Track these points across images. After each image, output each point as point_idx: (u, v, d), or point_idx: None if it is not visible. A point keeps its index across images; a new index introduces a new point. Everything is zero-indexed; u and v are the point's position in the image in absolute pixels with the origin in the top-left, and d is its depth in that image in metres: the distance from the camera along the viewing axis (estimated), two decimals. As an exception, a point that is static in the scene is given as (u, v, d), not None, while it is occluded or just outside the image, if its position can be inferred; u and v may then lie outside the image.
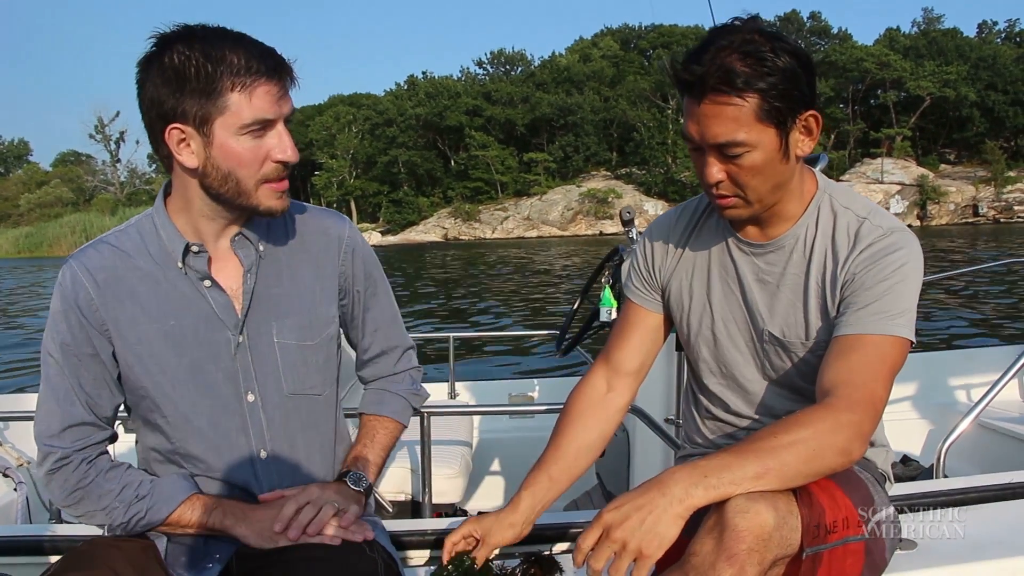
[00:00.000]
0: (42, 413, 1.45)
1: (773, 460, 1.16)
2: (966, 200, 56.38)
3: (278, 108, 1.34)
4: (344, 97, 79.08)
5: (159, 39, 1.32)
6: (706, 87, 1.31)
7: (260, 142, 1.34)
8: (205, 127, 1.32)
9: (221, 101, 1.30)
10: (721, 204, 1.43)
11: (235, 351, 1.46)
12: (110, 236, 1.48)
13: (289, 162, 1.38)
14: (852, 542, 1.21)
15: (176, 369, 1.43)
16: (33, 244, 63.46)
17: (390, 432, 1.68)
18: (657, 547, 1.12)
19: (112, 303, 1.42)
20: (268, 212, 1.41)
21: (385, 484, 2.93)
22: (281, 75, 1.34)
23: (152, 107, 1.33)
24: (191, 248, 1.43)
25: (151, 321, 1.43)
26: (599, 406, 1.65)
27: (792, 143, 1.37)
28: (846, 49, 63.47)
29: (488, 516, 1.52)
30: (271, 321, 1.48)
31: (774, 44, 1.31)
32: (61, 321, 1.42)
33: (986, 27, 70.10)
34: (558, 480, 1.58)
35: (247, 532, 1.41)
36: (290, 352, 1.49)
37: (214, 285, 1.44)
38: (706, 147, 1.37)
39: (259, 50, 1.33)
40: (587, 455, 1.62)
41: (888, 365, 1.32)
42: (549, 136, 67.01)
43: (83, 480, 1.44)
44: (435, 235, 63.50)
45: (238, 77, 1.30)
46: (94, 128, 79.55)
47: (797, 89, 1.33)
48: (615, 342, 1.69)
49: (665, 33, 73.05)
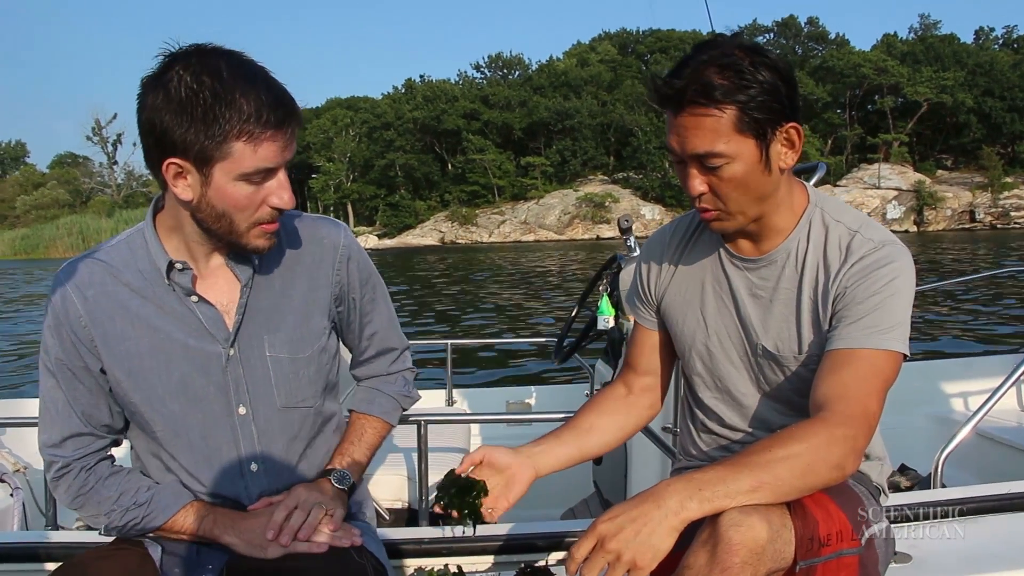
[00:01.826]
0: (43, 424, 1.48)
1: (767, 474, 1.17)
2: (963, 206, 56.51)
3: (281, 157, 1.32)
4: (341, 100, 79.09)
5: (167, 59, 1.28)
6: (684, 100, 1.33)
7: (258, 188, 1.33)
8: (204, 168, 1.29)
9: (225, 147, 1.27)
10: (706, 217, 1.45)
11: (226, 364, 1.46)
12: (100, 251, 1.48)
13: (285, 209, 1.37)
14: (846, 555, 1.21)
15: (166, 383, 1.44)
16: (29, 246, 63.43)
17: (377, 431, 1.69)
18: (651, 559, 1.13)
19: (101, 319, 1.42)
20: (254, 250, 1.40)
21: (382, 492, 2.94)
22: (290, 124, 1.31)
23: (151, 132, 1.28)
24: (175, 265, 1.43)
25: (140, 336, 1.43)
26: (620, 401, 1.70)
27: (773, 155, 1.37)
28: (843, 55, 63.69)
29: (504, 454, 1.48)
30: (263, 335, 1.48)
31: (753, 58, 1.33)
32: (52, 336, 1.44)
33: (983, 33, 70.28)
34: (566, 441, 1.58)
35: (236, 540, 1.42)
36: (282, 365, 1.50)
37: (201, 300, 1.44)
38: (687, 159, 1.38)
39: (271, 98, 1.28)
40: (599, 435, 1.63)
41: (881, 379, 1.33)
42: (546, 140, 67.08)
43: (83, 487, 1.47)
44: (432, 239, 63.54)
45: (246, 125, 1.25)
46: (91, 130, 79.72)
47: (776, 101, 1.34)
48: (628, 362, 1.74)
49: (663, 38, 73.26)
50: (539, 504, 3.42)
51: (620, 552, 1.13)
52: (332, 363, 1.60)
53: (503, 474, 1.46)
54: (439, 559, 1.87)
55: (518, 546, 1.87)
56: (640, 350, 1.71)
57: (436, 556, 1.88)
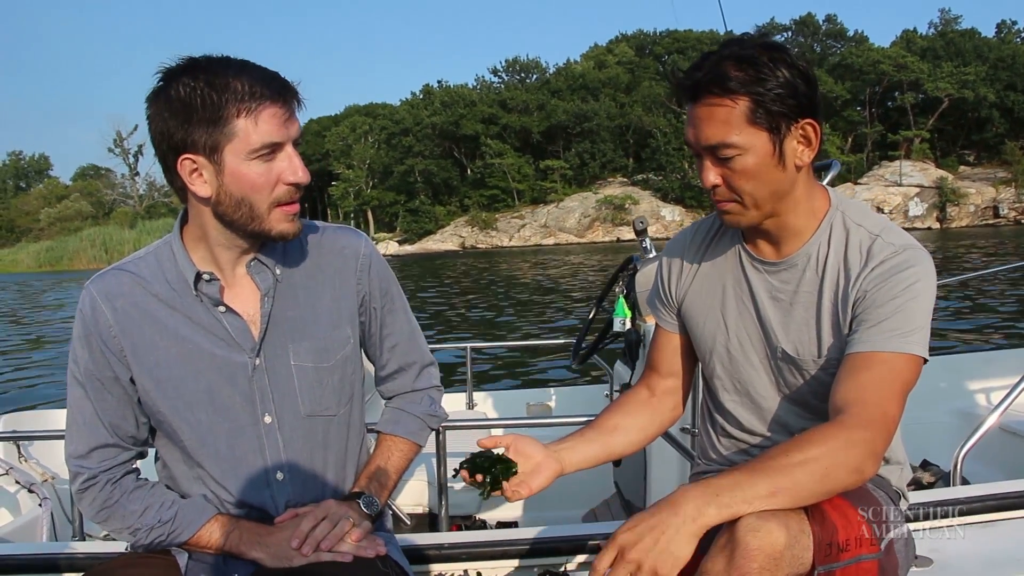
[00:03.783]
0: (70, 434, 1.50)
1: (785, 479, 1.17)
2: (986, 202, 55.91)
3: (285, 131, 1.36)
4: (360, 107, 79.61)
5: (164, 73, 1.34)
6: (700, 90, 1.35)
7: (270, 166, 1.36)
8: (215, 155, 1.34)
9: (228, 128, 1.32)
10: (720, 209, 1.45)
11: (252, 374, 1.48)
12: (128, 263, 1.51)
13: (300, 183, 1.40)
14: (865, 560, 1.20)
15: (193, 392, 1.46)
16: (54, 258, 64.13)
17: (404, 454, 1.69)
18: (672, 567, 1.13)
19: (130, 329, 1.45)
20: (280, 236, 1.42)
21: (403, 497, 2.95)
22: (286, 98, 1.36)
23: (162, 140, 1.35)
24: (202, 276, 1.45)
25: (168, 345, 1.46)
26: (643, 404, 1.70)
27: (788, 151, 1.37)
28: (863, 51, 63.22)
29: (532, 446, 1.51)
30: (288, 344, 1.50)
31: (773, 55, 1.34)
32: (82, 347, 1.46)
33: (1005, 27, 69.40)
34: (591, 440, 1.60)
35: (263, 555, 1.43)
36: (307, 374, 1.51)
37: (228, 310, 1.47)
38: (701, 150, 1.40)
39: (262, 75, 1.35)
40: (624, 435, 1.64)
41: (901, 383, 1.32)
42: (565, 143, 67.05)
43: (108, 500, 1.49)
44: (452, 244, 63.66)
45: (243, 103, 1.32)
46: (112, 142, 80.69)
47: (792, 96, 1.34)
48: (650, 364, 1.74)
49: (680, 39, 72.99)
50: (560, 505, 3.43)
51: (641, 561, 1.12)
52: (357, 373, 1.61)
53: (529, 461, 1.48)
54: (460, 564, 1.88)
55: (539, 550, 1.88)
56: (662, 353, 1.71)
57: (457, 561, 1.88)
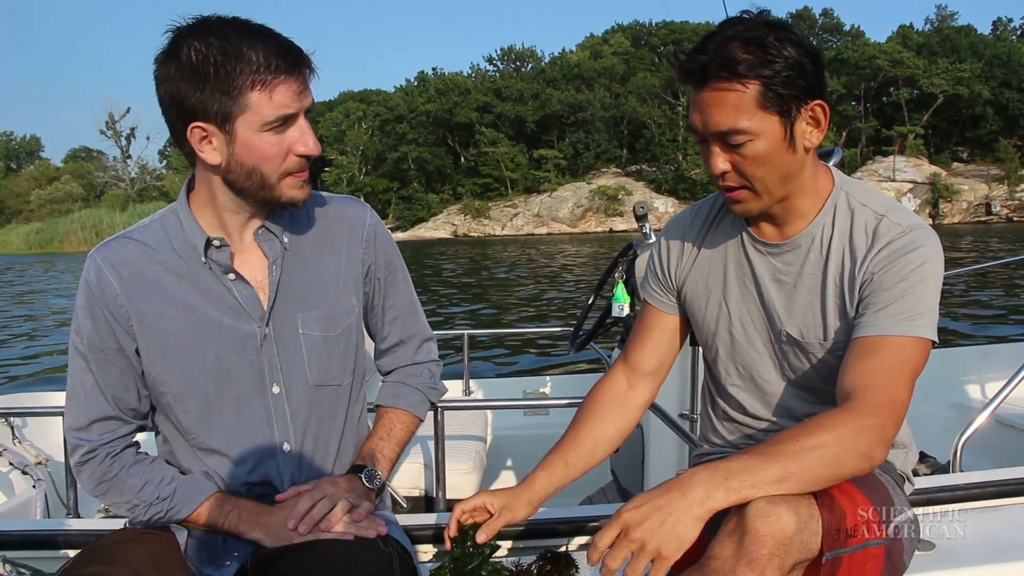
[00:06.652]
0: (70, 406, 1.47)
1: (795, 464, 1.15)
2: (979, 198, 56.05)
3: (299, 103, 1.34)
4: (354, 93, 79.23)
5: (174, 33, 1.30)
6: (707, 75, 1.30)
7: (282, 136, 1.34)
8: (227, 125, 1.31)
9: (242, 100, 1.29)
10: (730, 197, 1.41)
11: (261, 343, 1.46)
12: (134, 231, 1.48)
13: (311, 155, 1.38)
14: (872, 546, 1.19)
15: (202, 361, 1.44)
16: (44, 240, 63.83)
17: (406, 426, 1.67)
18: (676, 549, 1.11)
19: (137, 297, 1.42)
20: (290, 202, 1.40)
21: (399, 479, 2.94)
22: (301, 69, 1.33)
23: (172, 104, 1.32)
24: (212, 242, 1.43)
25: (176, 314, 1.43)
26: (619, 401, 1.65)
27: (798, 133, 1.35)
28: (858, 46, 63.19)
29: (503, 491, 1.49)
30: (296, 313, 1.48)
31: (779, 34, 1.30)
32: (86, 316, 1.43)
33: (1001, 24, 69.66)
34: (574, 466, 1.57)
35: (262, 535, 1.42)
36: (315, 343, 1.50)
37: (238, 278, 1.45)
38: (709, 136, 1.35)
39: (278, 45, 1.31)
40: (604, 447, 1.62)
41: (910, 367, 1.30)
42: (559, 133, 66.95)
43: (107, 474, 1.47)
44: (445, 232, 63.58)
45: (258, 75, 1.28)
46: (104, 124, 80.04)
47: (802, 78, 1.31)
48: (634, 343, 1.69)
49: (676, 29, 72.92)
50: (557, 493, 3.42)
51: (644, 541, 1.11)
52: (360, 345, 1.59)
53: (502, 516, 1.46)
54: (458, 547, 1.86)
55: (538, 532, 1.87)
56: (649, 332, 1.67)
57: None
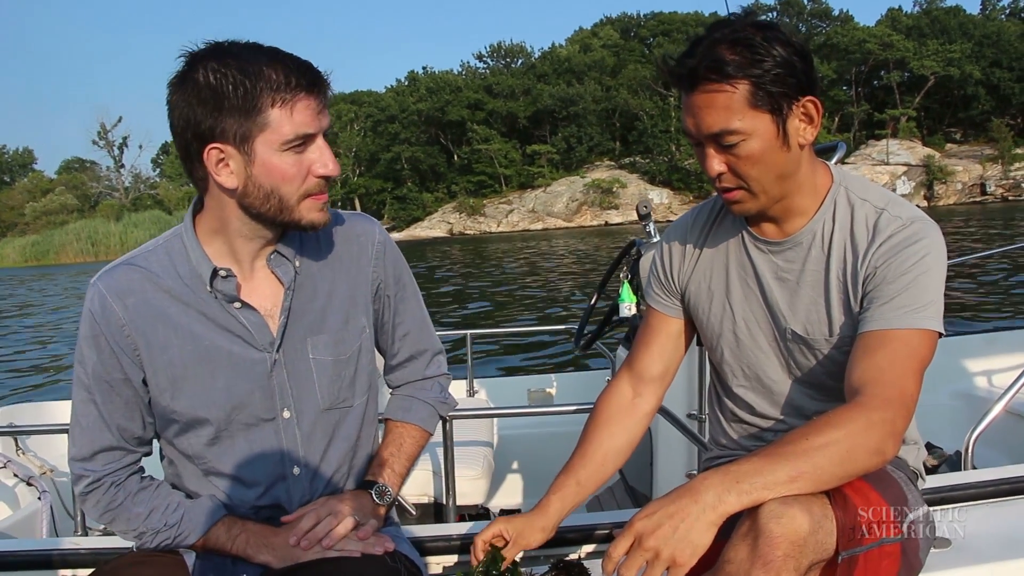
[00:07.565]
0: (74, 437, 1.45)
1: (806, 463, 1.15)
2: (973, 179, 56.05)
3: (318, 122, 1.32)
4: (346, 95, 78.91)
5: (189, 58, 1.29)
6: (697, 78, 1.32)
7: (302, 157, 1.32)
8: (246, 145, 1.29)
9: (262, 118, 1.27)
10: (728, 198, 1.42)
11: (271, 369, 1.44)
12: (137, 257, 1.45)
13: (331, 176, 1.36)
14: (888, 544, 1.19)
15: (211, 389, 1.42)
16: (40, 252, 63.60)
17: (416, 441, 1.67)
18: (691, 555, 1.11)
19: (143, 326, 1.40)
20: (310, 225, 1.38)
21: (408, 487, 2.92)
22: (321, 88, 1.32)
23: (187, 128, 1.29)
24: (219, 272, 1.40)
25: (183, 343, 1.40)
26: (626, 412, 1.66)
27: (791, 131, 1.35)
28: (848, 31, 63.10)
29: (517, 518, 1.52)
30: (306, 337, 1.47)
31: (766, 34, 1.31)
32: (90, 347, 1.41)
33: (989, 3, 69.42)
34: (585, 485, 1.58)
35: (270, 558, 1.41)
36: (325, 367, 1.48)
37: (245, 306, 1.42)
38: (703, 139, 1.36)
39: (296, 64, 1.30)
40: (614, 460, 1.62)
41: (917, 359, 1.30)
42: (552, 128, 66.82)
43: (112, 503, 1.45)
44: (440, 230, 63.49)
45: (278, 93, 1.27)
46: (97, 134, 79.76)
47: (791, 75, 1.31)
48: (638, 349, 1.69)
49: (665, 21, 72.84)
50: None
51: (658, 549, 1.11)
52: (372, 363, 1.58)
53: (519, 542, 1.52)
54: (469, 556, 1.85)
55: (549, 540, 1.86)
56: (654, 337, 1.67)
57: (466, 553, 1.86)
